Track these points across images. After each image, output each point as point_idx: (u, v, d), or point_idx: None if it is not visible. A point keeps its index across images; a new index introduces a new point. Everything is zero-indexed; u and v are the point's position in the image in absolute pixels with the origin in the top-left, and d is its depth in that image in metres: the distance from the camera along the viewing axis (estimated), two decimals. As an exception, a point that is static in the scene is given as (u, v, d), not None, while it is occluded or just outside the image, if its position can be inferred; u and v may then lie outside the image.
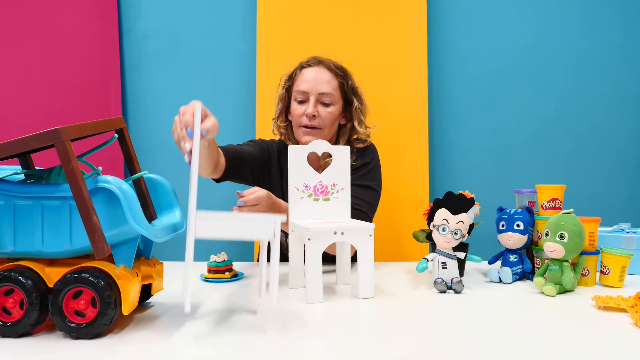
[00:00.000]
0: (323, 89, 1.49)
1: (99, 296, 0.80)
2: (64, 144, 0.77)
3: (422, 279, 1.25)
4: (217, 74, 2.12)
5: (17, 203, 0.83)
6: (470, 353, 0.75)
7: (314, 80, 1.50)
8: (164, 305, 1.01)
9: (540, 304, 1.03)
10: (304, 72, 1.53)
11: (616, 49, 2.09)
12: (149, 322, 0.90)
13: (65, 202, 0.82)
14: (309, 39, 2.03)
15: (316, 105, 1.49)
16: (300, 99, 1.51)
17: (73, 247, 0.83)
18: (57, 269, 0.83)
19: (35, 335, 0.83)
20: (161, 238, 0.88)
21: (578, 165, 2.09)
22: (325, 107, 1.50)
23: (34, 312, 0.81)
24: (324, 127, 1.50)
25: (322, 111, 1.50)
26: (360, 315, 0.97)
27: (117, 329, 0.86)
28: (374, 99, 2.00)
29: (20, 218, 0.83)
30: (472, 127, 2.10)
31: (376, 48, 2.04)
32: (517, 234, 1.24)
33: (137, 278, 0.87)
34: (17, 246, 0.83)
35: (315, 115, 1.48)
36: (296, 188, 1.17)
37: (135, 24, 2.10)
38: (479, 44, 2.10)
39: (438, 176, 2.07)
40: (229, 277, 1.25)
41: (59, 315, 0.81)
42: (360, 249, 1.06)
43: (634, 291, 1.10)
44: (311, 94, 1.49)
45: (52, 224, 0.83)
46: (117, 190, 0.81)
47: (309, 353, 0.75)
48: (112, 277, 0.82)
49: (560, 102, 2.09)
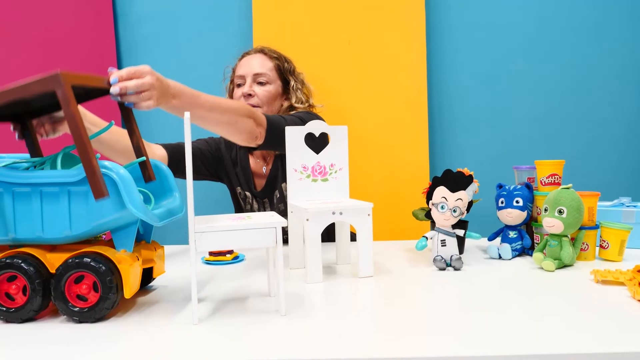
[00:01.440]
0: (256, 70, 1.59)
1: (101, 280, 0.81)
2: (63, 88, 0.77)
3: (422, 257, 1.26)
4: (213, 57, 2.11)
5: (16, 190, 0.83)
6: (471, 329, 0.76)
7: (248, 65, 1.60)
8: (166, 289, 1.03)
9: (539, 279, 1.04)
10: (242, 61, 1.64)
11: (619, 23, 2.07)
12: (151, 305, 0.91)
13: (64, 188, 0.82)
14: (305, 19, 2.01)
15: (252, 85, 1.58)
16: (239, 82, 1.61)
17: (73, 232, 0.84)
18: (59, 254, 0.84)
19: (39, 320, 0.84)
20: (160, 222, 0.88)
21: (577, 140, 2.08)
22: (261, 86, 1.59)
23: (37, 298, 0.82)
24: (262, 105, 1.58)
25: (258, 90, 1.58)
26: (360, 293, 0.98)
27: (119, 313, 0.87)
28: (373, 78, 1.99)
29: (20, 205, 0.84)
30: (471, 104, 2.09)
31: (374, 27, 2.02)
32: (516, 210, 1.24)
33: (138, 262, 0.87)
34: (18, 233, 0.84)
35: (251, 94, 1.56)
36: (294, 169, 1.16)
37: (130, 7, 2.09)
38: (480, 21, 2.08)
39: (438, 154, 2.07)
40: (230, 259, 1.26)
41: (61, 300, 0.82)
42: (359, 229, 1.07)
43: (632, 265, 1.10)
44: (247, 76, 1.59)
45: (52, 210, 0.83)
46: (114, 176, 0.81)
47: (310, 333, 0.76)
48: (113, 262, 0.83)
49: (559, 78, 2.08)
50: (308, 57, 1.88)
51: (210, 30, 2.10)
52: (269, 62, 1.61)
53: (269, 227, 0.83)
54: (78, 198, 0.83)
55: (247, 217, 0.89)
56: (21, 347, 0.74)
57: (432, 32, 2.07)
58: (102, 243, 0.92)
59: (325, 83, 1.89)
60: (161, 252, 1.01)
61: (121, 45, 2.10)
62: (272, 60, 1.62)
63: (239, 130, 1.26)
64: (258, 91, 1.58)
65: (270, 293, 0.96)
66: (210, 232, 0.81)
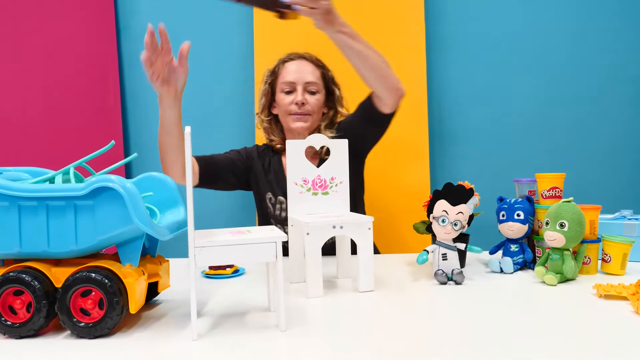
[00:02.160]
0: (308, 78, 1.59)
1: (106, 295, 0.81)
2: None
3: (423, 271, 1.26)
4: (214, 69, 2.12)
5: (22, 204, 0.83)
6: (473, 343, 0.76)
7: (299, 72, 1.60)
8: (171, 303, 1.03)
9: (541, 293, 1.04)
10: (288, 66, 1.62)
11: (615, 33, 2.10)
12: (157, 320, 0.91)
13: (70, 202, 0.82)
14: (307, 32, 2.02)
15: (304, 93, 1.58)
16: (287, 89, 1.59)
17: (79, 247, 0.83)
18: (64, 269, 0.84)
19: (43, 335, 0.84)
20: (166, 236, 0.88)
21: (578, 153, 2.10)
22: (312, 95, 1.59)
23: (42, 313, 0.82)
24: (312, 113, 1.59)
25: (310, 99, 1.59)
26: (360, 308, 0.97)
27: (124, 328, 0.87)
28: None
29: (26, 219, 0.83)
30: (472, 117, 2.11)
31: (375, 38, 2.04)
32: (517, 223, 1.25)
33: (143, 276, 0.87)
34: (23, 247, 0.84)
35: (304, 102, 1.57)
36: (295, 183, 1.16)
37: (132, 20, 2.10)
38: (480, 33, 2.10)
39: (439, 167, 2.08)
40: (230, 272, 1.26)
41: (66, 314, 0.81)
42: (359, 242, 1.07)
43: (635, 279, 1.11)
44: (298, 84, 1.58)
45: (58, 225, 0.83)
46: (120, 189, 0.81)
47: (311, 348, 0.76)
48: (119, 276, 0.83)
49: (560, 90, 2.10)
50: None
51: (211, 43, 2.11)
52: (317, 70, 1.62)
53: (269, 241, 0.83)
54: (84, 212, 0.82)
55: (247, 231, 0.89)
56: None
57: (432, 43, 2.09)
58: (107, 257, 0.92)
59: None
60: (166, 266, 1.01)
61: (123, 58, 2.11)
62: (319, 69, 1.63)
63: (387, 76, 1.44)
64: (310, 100, 1.59)
65: (270, 307, 0.96)
66: (210, 247, 0.81)
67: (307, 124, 1.58)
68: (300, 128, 1.57)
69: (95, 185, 0.81)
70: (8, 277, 0.82)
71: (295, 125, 1.58)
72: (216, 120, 2.13)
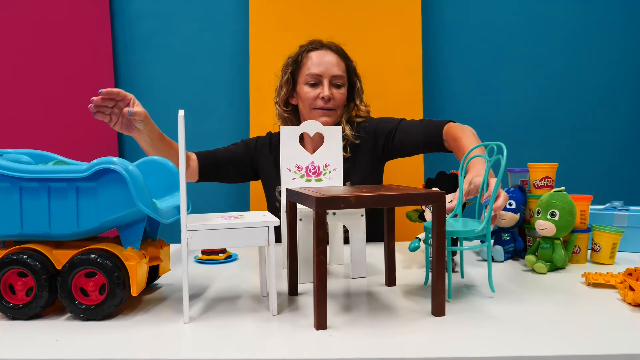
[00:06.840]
0: (335, 71, 1.53)
1: (108, 278, 0.81)
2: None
3: (414, 259, 1.28)
4: (209, 55, 2.11)
5: (24, 185, 0.83)
6: (462, 329, 0.77)
7: (325, 64, 1.53)
8: (171, 287, 1.03)
9: (531, 281, 1.06)
10: (312, 56, 1.54)
11: (611, 25, 2.12)
12: (158, 303, 0.92)
13: (72, 184, 0.82)
14: (302, 19, 2.02)
15: (330, 87, 1.52)
16: (312, 82, 1.53)
17: (80, 229, 0.84)
18: (65, 251, 0.84)
19: (45, 317, 0.85)
20: (168, 219, 0.89)
21: (570, 144, 2.12)
22: (337, 89, 1.54)
23: (43, 295, 0.82)
24: (337, 107, 1.55)
25: (336, 93, 1.54)
26: (352, 294, 0.98)
27: (126, 310, 0.88)
28: (369, 79, 2.01)
29: (27, 200, 0.83)
30: (465, 106, 2.13)
31: (370, 30, 2.04)
32: (509, 212, 1.26)
33: (144, 259, 0.88)
34: (25, 229, 0.84)
35: (331, 97, 1.52)
36: (288, 169, 1.16)
37: (126, 6, 2.08)
38: (475, 25, 2.11)
39: (432, 155, 2.09)
40: (223, 258, 1.27)
41: (68, 297, 0.82)
42: (352, 230, 1.08)
43: (624, 268, 1.13)
44: (324, 77, 1.52)
45: (59, 206, 0.83)
46: (123, 172, 0.81)
47: (301, 332, 0.76)
48: (120, 259, 0.83)
49: (554, 81, 2.13)
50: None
51: (206, 29, 2.10)
52: (342, 62, 1.56)
53: (261, 226, 0.84)
54: (86, 194, 0.82)
55: (240, 215, 0.90)
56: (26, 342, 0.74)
57: (428, 35, 2.10)
58: (109, 240, 0.92)
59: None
60: (167, 250, 1.02)
61: (117, 44, 2.10)
62: (343, 61, 1.57)
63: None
64: (336, 94, 1.54)
65: (263, 292, 0.97)
66: (203, 231, 0.82)
67: (332, 118, 1.54)
68: (326, 123, 1.52)
69: (97, 167, 0.82)
70: (10, 258, 0.83)
71: (322, 120, 1.52)
72: (210, 109, 2.12)
